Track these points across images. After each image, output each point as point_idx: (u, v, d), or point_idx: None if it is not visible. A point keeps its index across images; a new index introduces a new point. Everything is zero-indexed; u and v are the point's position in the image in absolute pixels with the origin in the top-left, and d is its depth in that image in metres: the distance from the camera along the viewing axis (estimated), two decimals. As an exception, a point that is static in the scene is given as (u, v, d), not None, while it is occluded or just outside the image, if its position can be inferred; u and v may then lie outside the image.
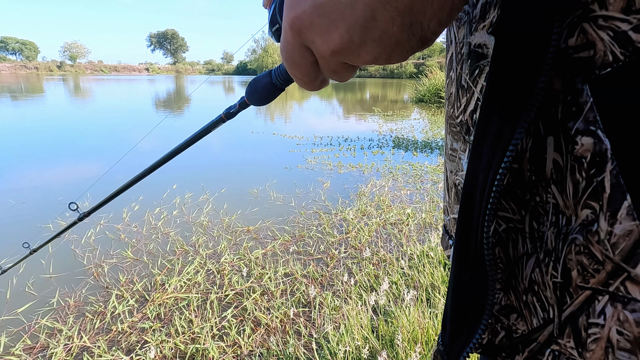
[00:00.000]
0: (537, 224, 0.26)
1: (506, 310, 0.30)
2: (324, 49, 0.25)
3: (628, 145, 0.19)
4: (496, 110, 0.24)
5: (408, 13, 0.22)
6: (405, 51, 0.25)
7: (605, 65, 0.19)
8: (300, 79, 0.30)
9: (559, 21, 0.20)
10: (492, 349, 0.32)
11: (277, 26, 0.33)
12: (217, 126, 0.54)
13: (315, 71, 0.29)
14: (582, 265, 0.22)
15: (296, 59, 0.28)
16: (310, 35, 0.25)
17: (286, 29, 0.26)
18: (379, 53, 0.24)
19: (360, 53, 0.24)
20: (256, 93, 0.42)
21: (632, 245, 0.19)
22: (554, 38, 0.20)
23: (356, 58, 0.25)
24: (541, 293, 0.26)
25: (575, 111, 0.21)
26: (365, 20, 0.22)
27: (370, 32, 0.23)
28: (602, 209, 0.20)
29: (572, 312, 0.23)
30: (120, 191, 0.77)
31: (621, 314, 0.20)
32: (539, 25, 0.21)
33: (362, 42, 0.24)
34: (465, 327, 0.29)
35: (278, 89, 0.40)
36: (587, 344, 0.22)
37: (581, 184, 0.21)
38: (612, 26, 0.19)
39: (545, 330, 0.26)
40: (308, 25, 0.25)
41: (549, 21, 0.20)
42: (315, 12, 0.24)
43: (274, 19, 0.32)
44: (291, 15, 0.25)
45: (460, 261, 0.29)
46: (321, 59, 0.27)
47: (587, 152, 0.21)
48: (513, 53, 0.22)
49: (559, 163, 0.23)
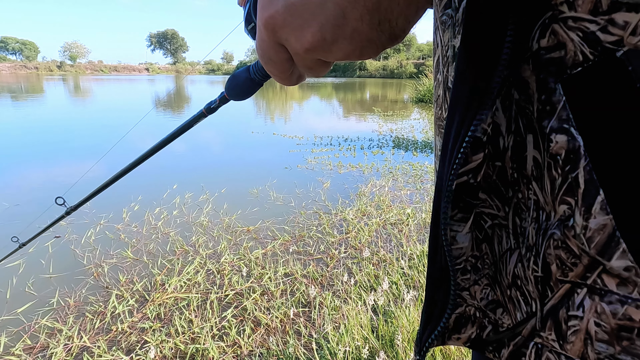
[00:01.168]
0: (519, 220, 0.27)
1: (493, 305, 0.31)
2: (297, 46, 0.26)
3: (600, 142, 0.20)
4: (458, 109, 0.25)
5: (376, 11, 0.23)
6: (375, 47, 0.26)
7: (576, 64, 0.20)
8: (277, 75, 0.32)
9: (512, 23, 0.21)
10: (480, 343, 0.33)
11: (252, 24, 0.34)
12: (199, 121, 0.56)
13: (291, 67, 0.30)
14: (560, 259, 0.22)
15: (272, 56, 0.29)
16: (284, 34, 0.26)
17: (261, 28, 0.27)
18: (351, 50, 0.26)
19: (333, 50, 0.26)
20: (236, 88, 0.43)
21: (606, 238, 0.19)
22: (508, 40, 0.21)
23: (329, 55, 0.26)
24: (524, 287, 0.26)
25: (550, 110, 0.22)
26: (336, 19, 0.24)
27: (341, 30, 0.24)
28: (577, 204, 0.21)
29: (553, 305, 0.24)
30: (107, 185, 0.78)
31: (598, 306, 0.21)
32: (495, 27, 0.22)
33: (333, 39, 0.25)
34: (433, 317, 0.32)
35: (256, 84, 0.42)
36: (567, 336, 0.23)
37: (557, 180, 0.22)
38: (581, 27, 0.19)
39: (528, 324, 0.26)
40: (281, 24, 0.26)
41: (503, 23, 0.21)
42: (288, 11, 0.25)
43: (249, 17, 0.33)
44: (265, 14, 0.26)
45: (431, 257, 0.31)
46: (295, 55, 0.28)
47: (561, 150, 0.21)
48: (472, 53, 0.23)
49: (538, 160, 0.24)
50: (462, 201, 0.28)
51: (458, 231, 0.29)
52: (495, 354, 0.31)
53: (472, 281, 0.32)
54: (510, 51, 0.21)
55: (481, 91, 0.23)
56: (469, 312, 0.33)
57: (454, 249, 0.30)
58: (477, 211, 0.30)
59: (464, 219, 0.29)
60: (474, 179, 0.27)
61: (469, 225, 0.29)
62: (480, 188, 0.28)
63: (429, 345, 0.32)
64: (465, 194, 0.28)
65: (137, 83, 33.84)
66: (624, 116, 0.19)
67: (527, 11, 0.21)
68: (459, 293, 0.32)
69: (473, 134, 0.24)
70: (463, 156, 0.25)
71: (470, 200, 0.28)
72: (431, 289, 0.32)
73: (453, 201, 0.28)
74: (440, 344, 0.34)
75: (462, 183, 0.27)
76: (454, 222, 0.29)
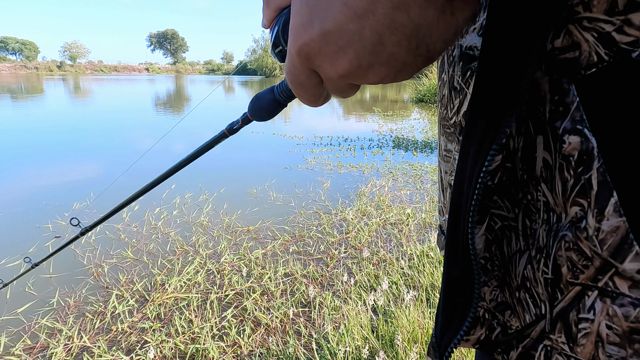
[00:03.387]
0: (529, 222, 0.26)
1: (502, 306, 0.31)
2: (332, 73, 0.25)
3: (614, 143, 0.19)
4: (483, 111, 0.25)
5: (414, 36, 0.22)
6: (411, 70, 0.25)
7: (591, 65, 0.20)
8: (306, 98, 0.31)
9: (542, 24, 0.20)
10: (488, 345, 0.32)
11: (280, 48, 0.33)
12: (221, 141, 0.55)
13: (321, 91, 0.30)
14: (571, 261, 0.22)
15: (302, 82, 0.29)
16: (318, 62, 0.25)
17: (292, 54, 0.26)
18: (386, 74, 0.25)
19: (368, 75, 0.25)
20: (260, 110, 0.43)
21: (619, 241, 0.19)
22: (538, 42, 0.21)
23: (363, 80, 0.26)
24: (533, 289, 0.26)
25: (563, 111, 0.21)
26: (373, 46, 0.23)
27: (377, 56, 0.23)
28: (590, 206, 0.20)
29: (563, 307, 0.24)
30: (123, 206, 0.78)
31: (610, 309, 0.21)
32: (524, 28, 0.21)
33: (369, 65, 0.24)
34: (453, 320, 0.31)
35: (281, 105, 0.41)
36: (577, 338, 0.23)
37: (569, 181, 0.22)
38: (597, 27, 0.19)
39: (537, 326, 0.26)
40: (316, 52, 0.25)
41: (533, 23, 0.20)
42: (324, 39, 0.24)
43: (277, 41, 0.33)
44: (299, 42, 0.25)
45: (450, 258, 0.30)
46: (328, 81, 0.27)
47: (574, 151, 0.21)
48: (498, 55, 0.23)
49: (548, 162, 0.23)
50: (480, 203, 0.28)
51: (475, 234, 0.29)
52: (503, 356, 0.31)
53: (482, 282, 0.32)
54: (538, 54, 0.21)
55: (509, 97, 0.23)
56: (479, 314, 0.32)
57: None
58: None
59: (480, 221, 0.29)
60: (492, 181, 0.27)
61: (484, 227, 0.29)
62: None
63: (452, 350, 0.31)
64: (483, 196, 0.28)
65: (137, 83, 33.84)
66: (638, 117, 0.18)
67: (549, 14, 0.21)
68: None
69: (500, 141, 0.24)
70: (492, 160, 0.24)
71: (487, 202, 0.28)
72: (450, 292, 0.32)
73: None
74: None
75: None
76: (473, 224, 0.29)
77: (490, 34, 0.23)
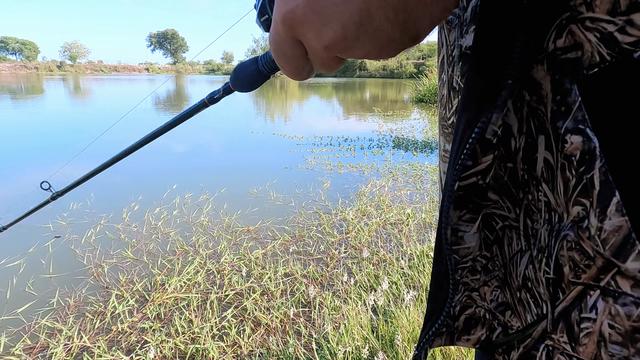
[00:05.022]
0: (530, 222, 0.26)
1: (502, 307, 0.31)
2: (316, 44, 0.25)
3: (615, 143, 0.19)
4: (467, 107, 0.25)
5: (402, 10, 0.22)
6: (396, 47, 0.25)
7: (593, 65, 0.20)
8: (288, 70, 0.30)
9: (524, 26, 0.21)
10: (489, 345, 0.32)
11: (266, 17, 0.32)
12: (200, 110, 0.53)
13: (305, 63, 0.29)
14: (573, 261, 0.22)
15: (286, 52, 0.28)
16: (303, 30, 0.25)
17: (277, 22, 0.26)
18: (371, 49, 0.24)
19: (353, 48, 0.24)
20: (242, 80, 0.42)
21: (621, 240, 0.19)
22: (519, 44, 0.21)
23: (348, 53, 0.25)
24: (534, 289, 0.26)
25: (565, 110, 0.21)
26: (360, 17, 0.22)
27: (364, 28, 0.23)
28: (592, 205, 0.20)
29: (565, 307, 0.24)
30: (98, 171, 0.76)
31: (612, 308, 0.21)
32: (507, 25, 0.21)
33: (355, 38, 0.24)
34: (434, 314, 0.32)
35: (264, 77, 0.40)
36: (579, 338, 0.23)
37: (571, 181, 0.22)
38: (599, 27, 0.19)
39: (539, 326, 0.26)
40: (301, 21, 0.24)
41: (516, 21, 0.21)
42: (309, 7, 0.23)
43: (263, 9, 0.32)
44: (284, 9, 0.25)
45: (436, 254, 0.31)
46: (312, 53, 0.27)
47: (576, 150, 0.21)
48: (486, 55, 0.23)
49: (549, 162, 0.23)
50: (471, 202, 0.28)
51: (466, 231, 0.29)
52: (504, 356, 0.31)
53: (482, 282, 0.31)
54: (521, 55, 0.21)
55: (488, 94, 0.23)
56: (479, 314, 0.32)
57: (460, 249, 0.30)
58: (488, 212, 0.29)
59: (472, 220, 0.29)
60: (483, 180, 0.27)
61: (476, 226, 0.29)
62: (492, 189, 0.28)
63: (427, 340, 0.32)
64: (474, 194, 0.28)
65: (138, 83, 33.83)
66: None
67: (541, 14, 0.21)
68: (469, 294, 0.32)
69: (477, 136, 0.24)
70: (465, 158, 0.25)
71: (479, 201, 0.28)
72: (434, 287, 0.32)
73: (461, 202, 0.28)
74: (449, 343, 0.34)
75: (471, 184, 0.27)
76: (462, 222, 0.29)
77: (479, 32, 0.23)
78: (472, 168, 0.26)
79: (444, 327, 0.32)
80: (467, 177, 0.26)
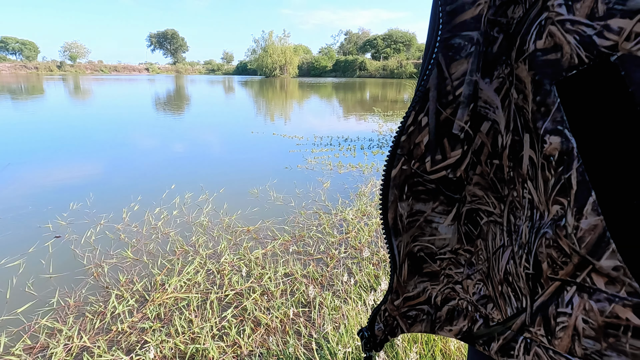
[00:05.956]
0: (514, 218, 0.27)
1: (484, 299, 0.32)
2: None
3: (593, 144, 0.20)
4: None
5: None
6: None
7: (572, 67, 0.20)
8: None
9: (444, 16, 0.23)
10: (471, 336, 0.33)
11: None
12: None
13: None
14: (551, 257, 0.23)
15: None
16: None
17: None
18: None
19: None
20: None
21: (597, 239, 0.20)
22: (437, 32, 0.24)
23: None
24: (515, 284, 0.27)
25: (544, 111, 0.22)
26: None
27: None
28: (569, 204, 0.21)
29: (543, 302, 0.24)
30: None
31: (587, 304, 0.21)
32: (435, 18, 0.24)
33: None
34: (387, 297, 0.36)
35: None
36: (555, 331, 0.24)
37: (550, 181, 0.22)
38: (579, 30, 0.20)
39: (518, 319, 0.27)
40: None
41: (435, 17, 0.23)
42: None
43: None
44: None
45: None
46: None
47: (555, 151, 0.22)
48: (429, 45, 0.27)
49: (533, 160, 0.24)
50: (441, 194, 0.29)
51: (440, 223, 0.30)
52: (485, 347, 0.31)
53: (465, 275, 0.32)
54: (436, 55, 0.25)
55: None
56: (462, 306, 0.33)
57: (436, 240, 0.31)
58: (473, 207, 0.30)
59: (445, 212, 0.30)
60: (453, 174, 0.28)
61: (450, 218, 0.30)
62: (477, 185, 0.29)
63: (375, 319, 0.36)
64: (445, 187, 0.29)
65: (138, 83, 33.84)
66: (616, 119, 0.19)
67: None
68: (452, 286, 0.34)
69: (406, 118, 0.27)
70: (393, 152, 0.27)
71: (450, 194, 0.29)
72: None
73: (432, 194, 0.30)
74: (429, 331, 0.35)
75: (441, 177, 0.28)
76: (435, 213, 0.30)
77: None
78: (441, 162, 0.27)
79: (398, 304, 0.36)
80: (437, 170, 0.27)
